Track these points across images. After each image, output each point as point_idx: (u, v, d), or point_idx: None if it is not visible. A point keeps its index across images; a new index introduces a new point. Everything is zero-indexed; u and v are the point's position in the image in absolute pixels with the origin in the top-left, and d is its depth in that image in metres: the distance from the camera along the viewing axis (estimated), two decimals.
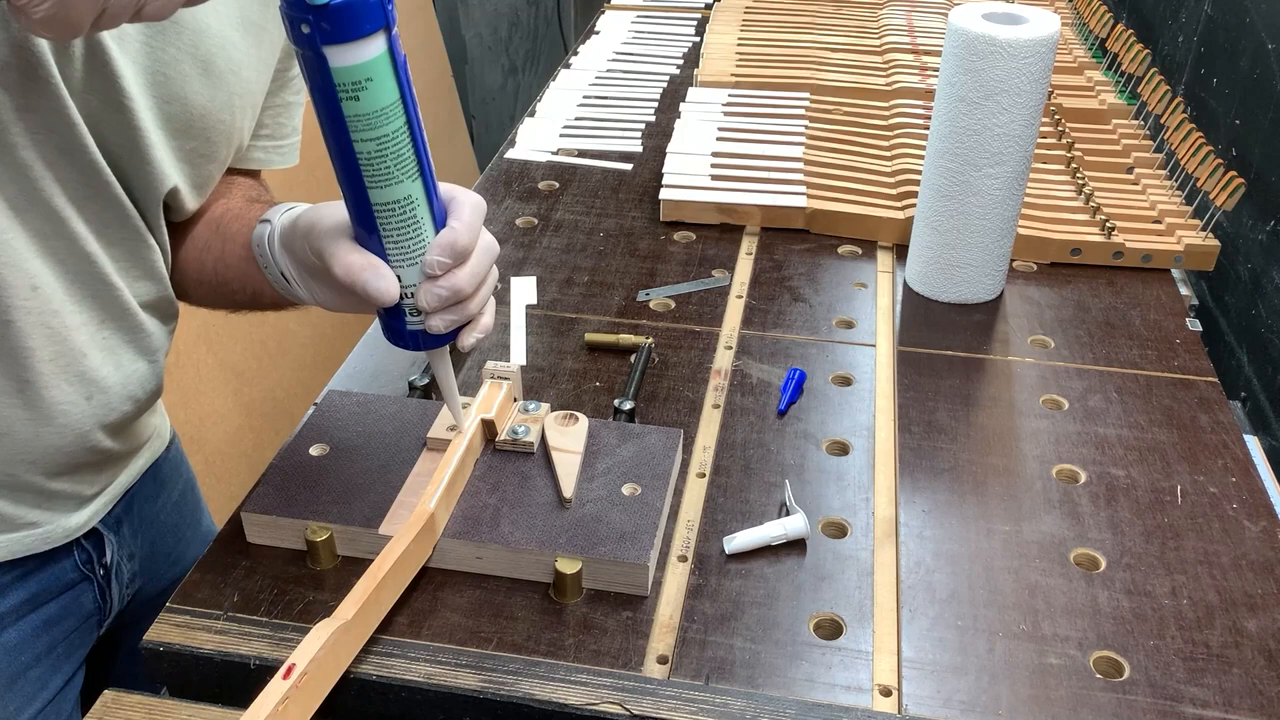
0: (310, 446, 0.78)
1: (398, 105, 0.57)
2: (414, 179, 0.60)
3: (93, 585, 0.83)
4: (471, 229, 0.64)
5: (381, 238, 0.62)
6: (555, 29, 2.96)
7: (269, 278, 0.74)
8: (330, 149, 0.59)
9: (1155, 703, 0.64)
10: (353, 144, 0.58)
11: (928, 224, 1.00)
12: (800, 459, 0.82)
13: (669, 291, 1.02)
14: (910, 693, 0.64)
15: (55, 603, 0.80)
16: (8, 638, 0.77)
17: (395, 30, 0.56)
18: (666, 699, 0.63)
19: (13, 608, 0.77)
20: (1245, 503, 0.78)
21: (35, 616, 0.78)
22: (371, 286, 0.62)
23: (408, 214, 0.61)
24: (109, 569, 0.84)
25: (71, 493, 0.77)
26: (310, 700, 0.60)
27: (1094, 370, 0.92)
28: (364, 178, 0.59)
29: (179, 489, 0.94)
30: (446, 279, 0.63)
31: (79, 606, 0.82)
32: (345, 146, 0.58)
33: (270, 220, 0.73)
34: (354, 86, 0.56)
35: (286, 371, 1.85)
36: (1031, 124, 0.93)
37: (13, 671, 0.77)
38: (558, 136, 1.31)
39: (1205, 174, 1.05)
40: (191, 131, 0.72)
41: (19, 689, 0.78)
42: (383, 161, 0.58)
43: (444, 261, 0.63)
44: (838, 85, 1.36)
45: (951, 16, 0.92)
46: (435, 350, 0.68)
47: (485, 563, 0.71)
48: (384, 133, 0.57)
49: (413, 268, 0.63)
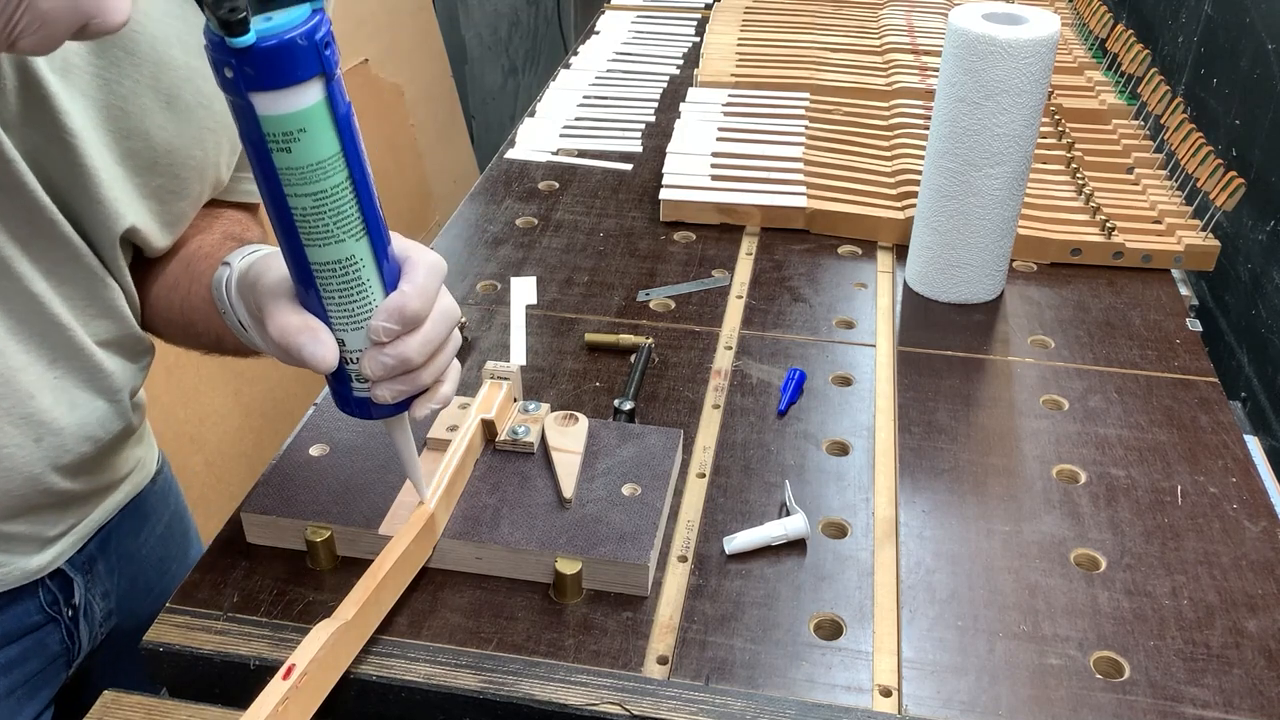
0: (310, 446, 0.78)
1: (338, 159, 0.53)
2: (358, 238, 0.55)
3: (59, 626, 0.79)
4: (424, 292, 0.59)
5: (322, 298, 0.57)
6: (555, 29, 2.96)
7: (228, 323, 0.70)
8: (265, 202, 0.54)
9: (1155, 703, 0.64)
10: (286, 198, 0.53)
11: (928, 224, 1.00)
12: (800, 459, 0.82)
13: (669, 291, 1.02)
14: (910, 693, 0.64)
15: (16, 645, 0.76)
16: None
17: (338, 75, 0.52)
18: (666, 699, 0.63)
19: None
20: (1245, 503, 0.78)
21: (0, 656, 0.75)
22: (306, 351, 0.58)
23: (351, 275, 0.56)
24: (77, 609, 0.80)
25: (30, 534, 0.73)
26: (310, 700, 0.60)
27: (1094, 370, 0.92)
28: (300, 235, 0.54)
29: (165, 521, 0.91)
30: (393, 347, 0.58)
31: (43, 648, 0.78)
32: (279, 200, 0.53)
33: (230, 264, 0.68)
34: (285, 137, 0.51)
35: (286, 371, 1.85)
36: (1031, 124, 0.93)
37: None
38: (558, 136, 1.31)
39: (1205, 174, 1.05)
40: (157, 168, 0.69)
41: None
42: (320, 219, 0.54)
43: (390, 328, 0.58)
44: (838, 85, 1.36)
45: (951, 16, 0.92)
46: (391, 419, 0.64)
47: (485, 563, 0.71)
48: (321, 188, 0.53)
49: (358, 332, 0.58)
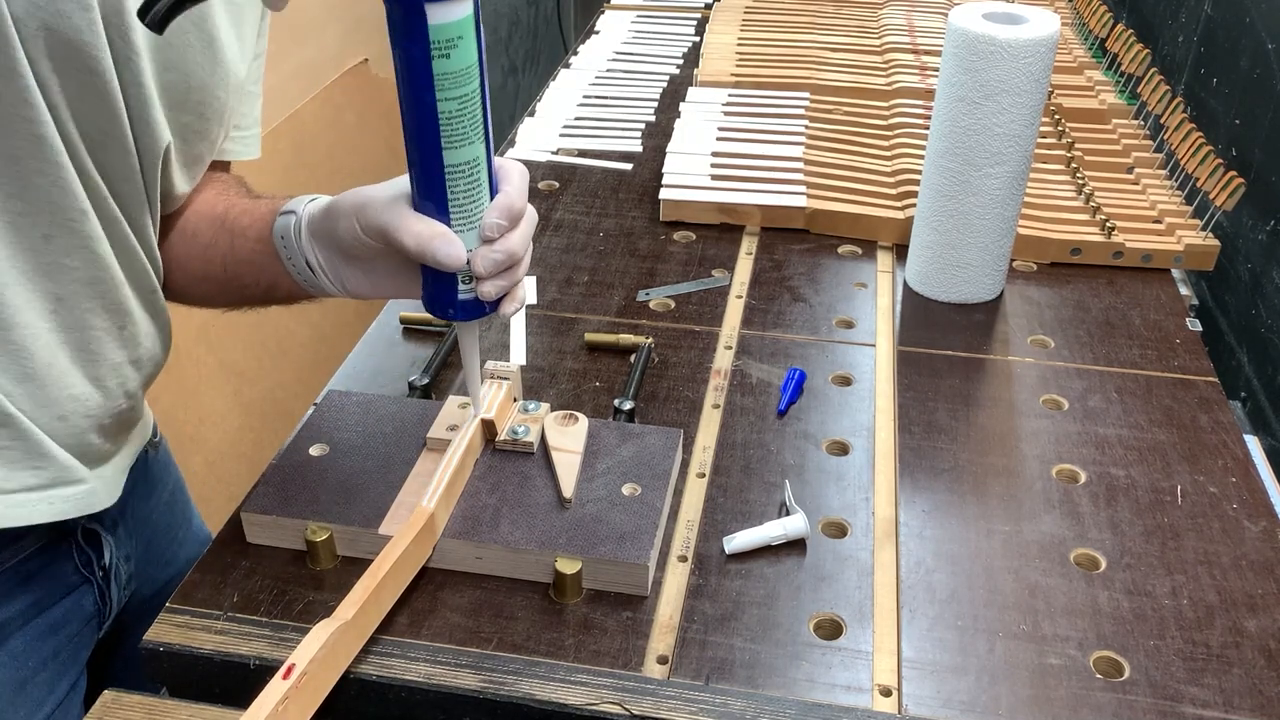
0: (310, 446, 0.78)
1: (477, 65, 0.59)
2: (481, 140, 0.62)
3: (93, 587, 0.82)
4: (523, 193, 0.66)
5: (448, 201, 0.63)
6: (555, 29, 2.96)
7: (290, 269, 0.74)
8: (408, 111, 0.59)
9: (1155, 703, 0.64)
10: (436, 103, 0.59)
11: (928, 224, 1.00)
12: (800, 459, 0.82)
13: (669, 291, 1.02)
14: (910, 693, 0.64)
15: (58, 607, 0.79)
16: (14, 645, 0.76)
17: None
18: (666, 699, 0.63)
19: (18, 613, 0.76)
20: (1245, 503, 0.78)
21: (40, 621, 0.78)
22: (442, 253, 0.63)
23: (474, 176, 0.62)
24: (108, 570, 0.83)
25: (109, 451, 0.78)
26: (310, 700, 0.60)
27: (1094, 370, 0.92)
28: (441, 138, 0.60)
29: (169, 489, 0.94)
30: (502, 242, 0.65)
31: (80, 609, 0.82)
32: (428, 106, 0.59)
33: (295, 211, 0.73)
34: (446, 44, 0.57)
35: (286, 371, 1.85)
36: (1031, 124, 0.93)
37: (20, 678, 0.77)
38: (558, 136, 1.31)
39: (1205, 174, 1.05)
40: (187, 104, 0.72)
41: (27, 695, 0.77)
42: (460, 121, 0.60)
43: (501, 224, 0.64)
44: (838, 85, 1.36)
45: (951, 16, 0.92)
46: (465, 326, 0.70)
47: (485, 563, 0.71)
48: (465, 92, 0.59)
49: (471, 232, 0.64)
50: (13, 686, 0.76)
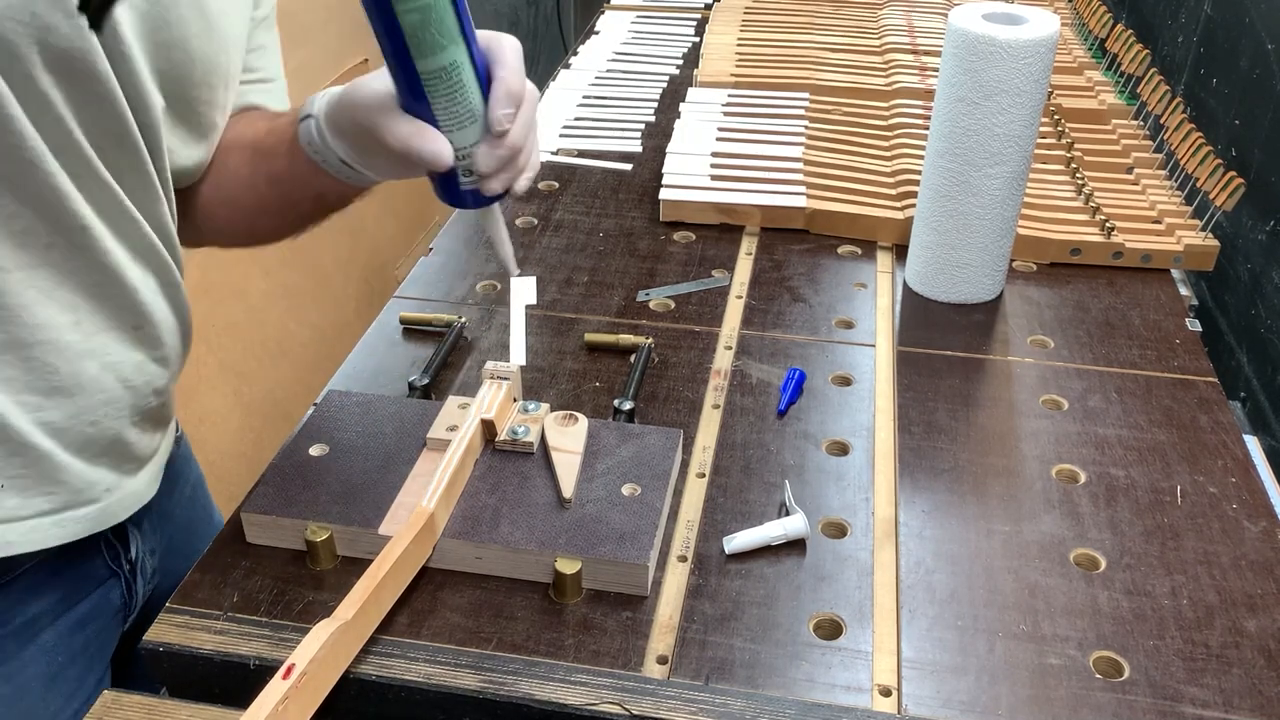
0: (310, 446, 0.78)
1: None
2: (457, 43, 0.61)
3: (120, 581, 0.83)
4: (519, 73, 0.65)
5: (431, 105, 0.63)
6: (555, 29, 2.96)
7: (329, 171, 0.74)
8: (375, 26, 0.59)
9: (1155, 703, 0.64)
10: (396, 16, 0.58)
11: (927, 224, 1.00)
12: (800, 459, 0.82)
13: (669, 291, 1.02)
14: (910, 693, 0.64)
15: (87, 601, 0.80)
16: (45, 639, 0.77)
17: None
18: (666, 699, 0.63)
19: (49, 607, 0.77)
20: (1245, 503, 0.78)
21: (70, 616, 0.79)
22: (426, 151, 0.63)
23: (454, 79, 0.62)
24: (134, 564, 0.84)
25: (143, 449, 0.79)
26: (310, 700, 0.60)
27: (1094, 370, 0.92)
28: (410, 49, 0.60)
29: (190, 484, 0.95)
30: (505, 140, 0.64)
31: (108, 603, 0.82)
32: (390, 20, 0.58)
33: (311, 114, 0.73)
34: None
35: (286, 371, 1.85)
36: (1031, 124, 0.93)
37: (51, 672, 0.77)
38: (557, 136, 1.31)
39: (1205, 174, 1.06)
40: (194, 79, 0.72)
41: (58, 689, 0.78)
42: (426, 31, 0.59)
43: (509, 113, 0.64)
44: (837, 85, 1.36)
45: (951, 17, 0.92)
46: (485, 209, 0.70)
47: (485, 563, 0.71)
48: (424, 3, 0.58)
49: (462, 130, 0.64)
50: (44, 681, 0.77)
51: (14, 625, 0.75)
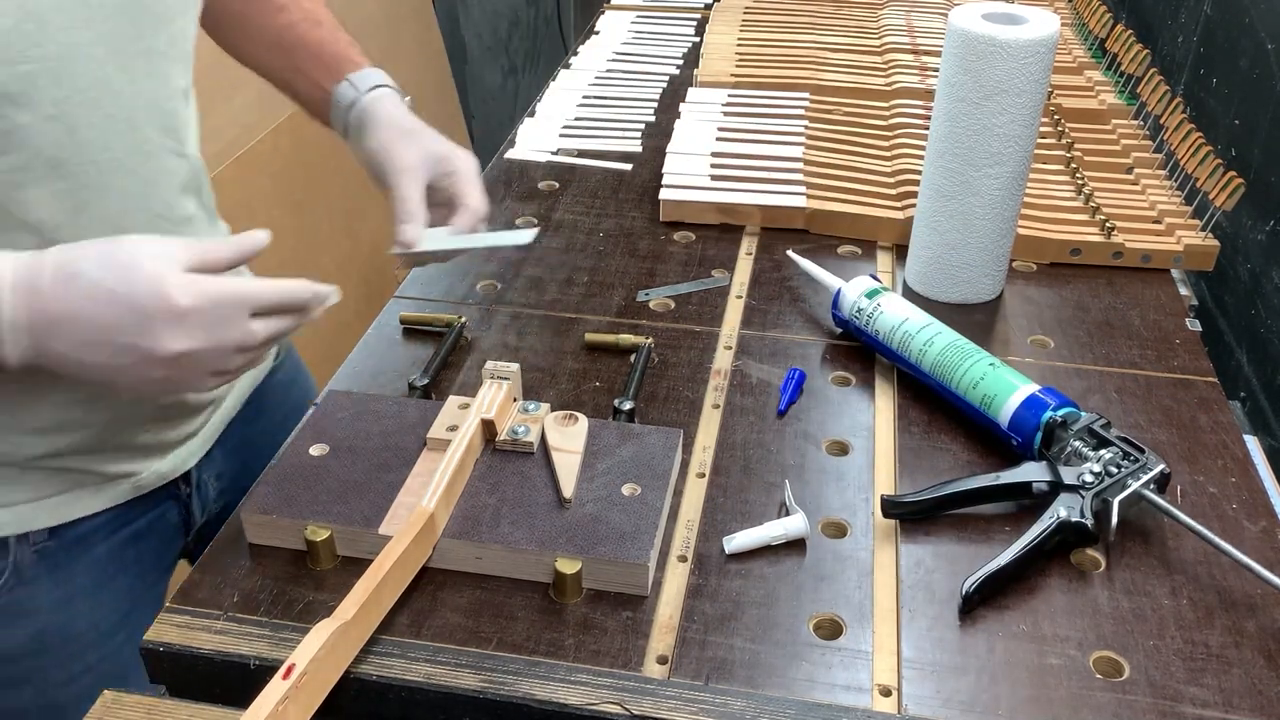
0: (310, 446, 0.78)
1: None
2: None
3: (178, 504, 0.88)
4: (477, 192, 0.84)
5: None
6: (555, 29, 2.96)
7: (335, 128, 0.87)
8: None
9: (1155, 703, 0.64)
10: None
11: (928, 224, 1.00)
12: (800, 459, 0.82)
13: (669, 291, 1.02)
14: (910, 693, 0.64)
15: (142, 519, 0.85)
16: (97, 552, 0.82)
17: None
18: (666, 699, 0.63)
19: (103, 523, 0.82)
20: (1245, 503, 0.78)
21: (124, 531, 0.84)
22: (402, 235, 0.80)
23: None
24: (193, 487, 0.89)
25: (172, 439, 0.84)
26: (310, 700, 0.60)
27: (1094, 370, 0.92)
28: None
29: (284, 413, 0.97)
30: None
31: (164, 522, 0.87)
32: None
33: (354, 97, 0.87)
34: None
35: None
36: (1031, 124, 0.93)
37: (100, 581, 0.83)
38: (557, 137, 1.31)
39: (1205, 174, 1.05)
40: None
41: (106, 599, 0.83)
42: None
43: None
44: (838, 85, 1.36)
45: (951, 17, 0.92)
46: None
47: (485, 563, 0.71)
48: None
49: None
50: (92, 588, 0.82)
51: (66, 538, 0.80)
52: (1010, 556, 0.70)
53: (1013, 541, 0.71)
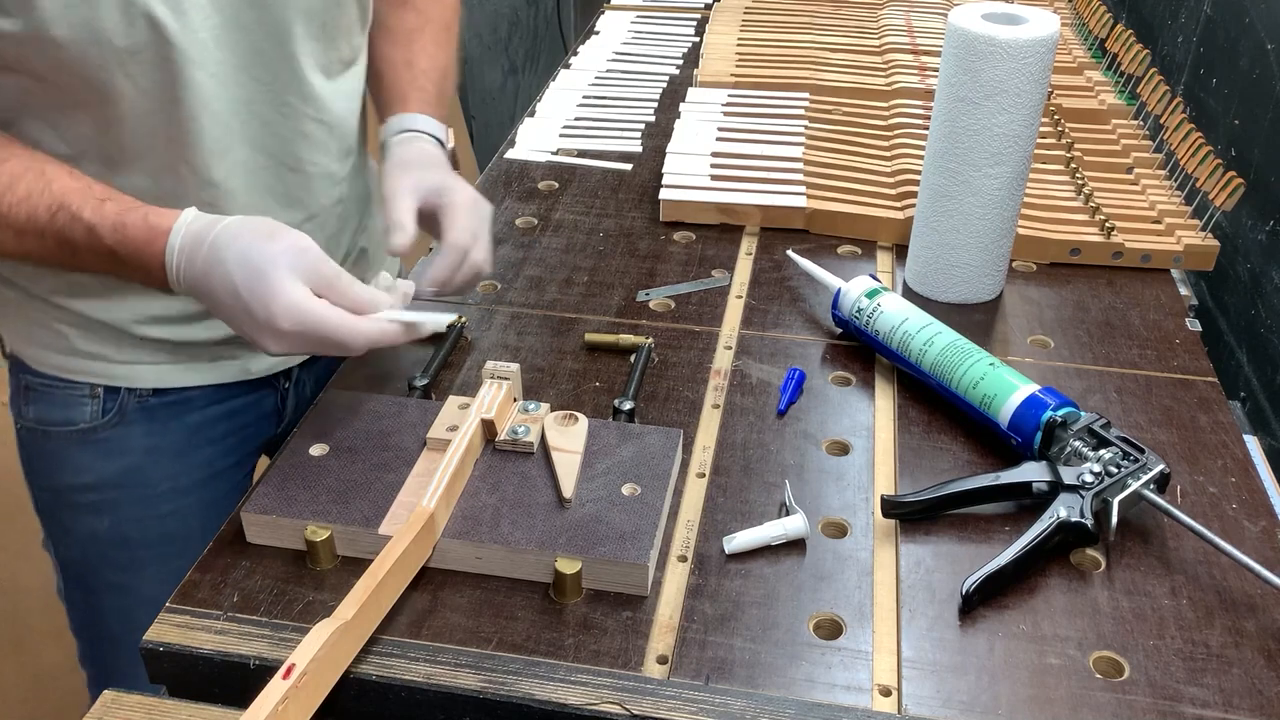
0: (310, 446, 0.78)
1: None
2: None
3: (275, 393, 0.97)
4: (466, 231, 0.86)
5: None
6: (555, 29, 2.96)
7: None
8: None
9: (1155, 703, 0.64)
10: None
11: (927, 224, 1.00)
12: (800, 459, 0.82)
13: (669, 291, 1.02)
14: (910, 693, 0.64)
15: (240, 399, 0.95)
16: (192, 418, 0.93)
17: None
18: (666, 699, 0.63)
19: (200, 393, 0.92)
20: (1245, 503, 0.78)
21: (219, 407, 0.94)
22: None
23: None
24: (292, 382, 0.98)
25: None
26: (310, 700, 0.60)
27: (1094, 370, 0.92)
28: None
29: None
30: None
31: (259, 407, 0.97)
32: None
33: (389, 129, 0.94)
34: None
35: None
36: (1031, 124, 0.93)
37: (189, 444, 0.93)
38: (557, 136, 1.31)
39: (1205, 174, 1.05)
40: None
41: (190, 461, 0.93)
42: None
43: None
44: (837, 85, 1.36)
45: (951, 16, 0.92)
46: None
47: (485, 563, 0.71)
48: None
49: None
50: (179, 448, 0.93)
51: (168, 398, 0.92)
52: (1010, 556, 0.70)
53: (1013, 541, 0.71)
